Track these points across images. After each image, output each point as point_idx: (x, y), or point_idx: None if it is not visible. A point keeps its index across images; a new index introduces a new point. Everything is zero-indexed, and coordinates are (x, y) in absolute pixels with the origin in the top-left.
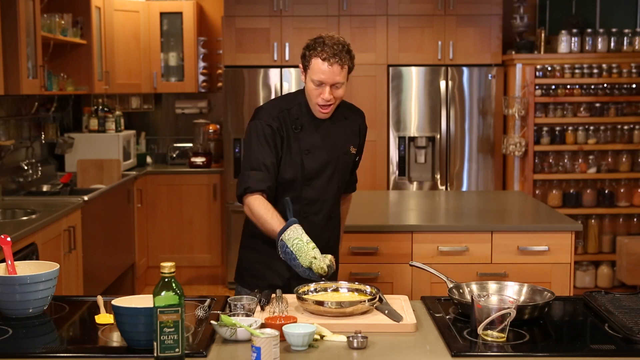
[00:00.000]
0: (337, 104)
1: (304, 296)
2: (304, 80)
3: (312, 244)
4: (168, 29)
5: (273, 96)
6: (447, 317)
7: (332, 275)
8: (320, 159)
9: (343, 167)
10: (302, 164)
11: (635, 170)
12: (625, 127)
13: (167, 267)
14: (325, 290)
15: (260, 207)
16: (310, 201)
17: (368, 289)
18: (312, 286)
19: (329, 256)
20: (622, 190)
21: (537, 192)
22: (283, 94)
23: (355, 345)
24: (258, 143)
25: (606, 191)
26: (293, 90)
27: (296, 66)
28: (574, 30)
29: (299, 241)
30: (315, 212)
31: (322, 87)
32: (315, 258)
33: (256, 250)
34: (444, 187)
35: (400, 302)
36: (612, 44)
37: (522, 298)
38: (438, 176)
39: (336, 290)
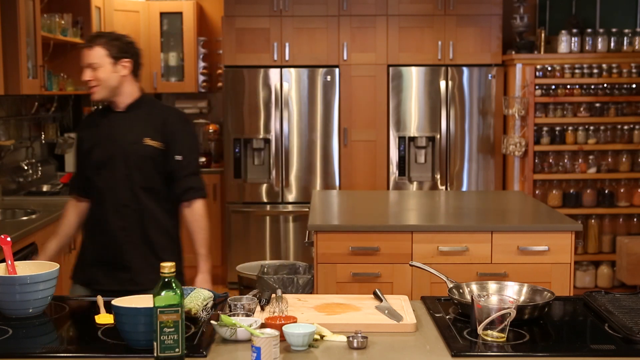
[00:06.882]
0: (104, 87)
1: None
2: None
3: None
4: (168, 29)
5: (273, 96)
6: (447, 317)
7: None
8: (105, 150)
9: (135, 157)
10: (89, 157)
11: (635, 170)
12: (625, 127)
13: (167, 267)
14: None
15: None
16: (99, 192)
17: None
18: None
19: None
20: (622, 190)
21: (537, 192)
22: (282, 93)
23: (355, 345)
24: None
25: (606, 191)
26: (293, 90)
27: (297, 66)
28: (574, 30)
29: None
30: (109, 212)
31: (85, 69)
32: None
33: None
34: (444, 187)
35: (400, 302)
36: (612, 44)
37: (522, 298)
38: (438, 176)
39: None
